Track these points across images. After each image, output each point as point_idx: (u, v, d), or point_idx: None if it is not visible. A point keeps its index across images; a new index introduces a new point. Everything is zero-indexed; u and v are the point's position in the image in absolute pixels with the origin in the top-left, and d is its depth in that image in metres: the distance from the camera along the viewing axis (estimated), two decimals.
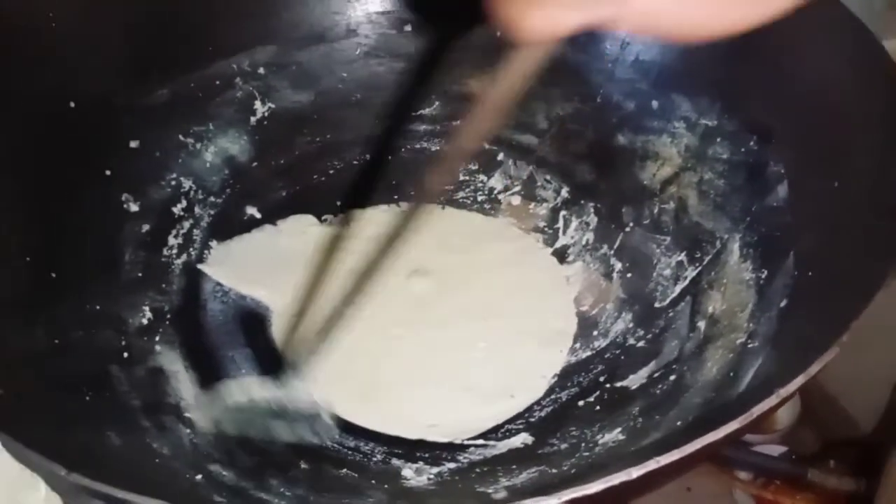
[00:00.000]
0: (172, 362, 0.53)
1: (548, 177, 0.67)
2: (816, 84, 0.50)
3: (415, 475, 0.50)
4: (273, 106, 0.66)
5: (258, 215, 0.66)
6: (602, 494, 0.29)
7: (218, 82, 0.64)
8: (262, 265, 0.63)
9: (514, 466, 0.49)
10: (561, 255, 0.64)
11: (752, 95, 0.55)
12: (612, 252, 0.62)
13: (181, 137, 0.62)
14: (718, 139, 0.57)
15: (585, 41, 0.65)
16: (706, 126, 0.58)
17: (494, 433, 0.53)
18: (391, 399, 0.55)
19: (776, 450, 0.63)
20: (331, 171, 0.68)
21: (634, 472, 0.29)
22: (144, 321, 0.54)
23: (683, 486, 0.61)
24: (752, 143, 0.55)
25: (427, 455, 0.52)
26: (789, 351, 0.42)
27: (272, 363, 0.57)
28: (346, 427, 0.53)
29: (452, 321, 0.60)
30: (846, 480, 0.57)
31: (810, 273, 0.46)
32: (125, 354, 0.51)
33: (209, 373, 0.55)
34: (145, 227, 0.58)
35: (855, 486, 0.56)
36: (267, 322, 0.60)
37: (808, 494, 0.58)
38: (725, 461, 0.60)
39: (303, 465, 0.50)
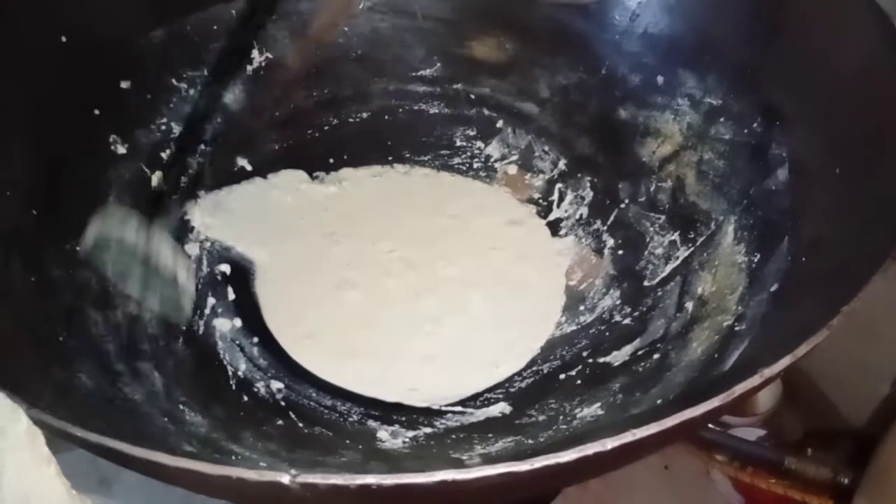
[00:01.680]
0: (149, 308, 0.52)
1: (546, 147, 0.66)
2: (829, 69, 0.49)
3: (390, 438, 0.50)
4: (271, 56, 0.65)
5: (249, 167, 0.64)
6: (576, 464, 0.29)
7: (215, 27, 0.62)
8: (250, 218, 0.62)
9: (490, 435, 0.48)
10: (554, 228, 0.63)
11: (762, 76, 0.54)
12: (605, 228, 0.61)
13: (174, 81, 0.61)
14: (722, 119, 0.56)
15: (595, 10, 0.63)
16: (711, 105, 0.57)
17: (473, 401, 0.52)
18: (371, 361, 0.54)
19: (755, 433, 0.63)
20: (325, 128, 0.67)
21: (609, 444, 0.28)
22: None
23: (661, 464, 0.61)
24: (755, 125, 0.54)
25: (404, 419, 0.51)
26: (776, 334, 0.42)
27: (253, 317, 0.57)
28: (324, 386, 0.53)
29: (439, 287, 0.59)
30: (823, 470, 0.56)
31: (804, 259, 0.45)
32: (103, 297, 0.50)
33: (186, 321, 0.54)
34: (131, 171, 0.57)
35: (832, 475, 0.56)
36: (251, 276, 0.59)
37: (785, 481, 0.58)
38: (704, 442, 0.60)
39: (278, 422, 0.49)
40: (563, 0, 0.61)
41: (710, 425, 0.61)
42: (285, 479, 0.27)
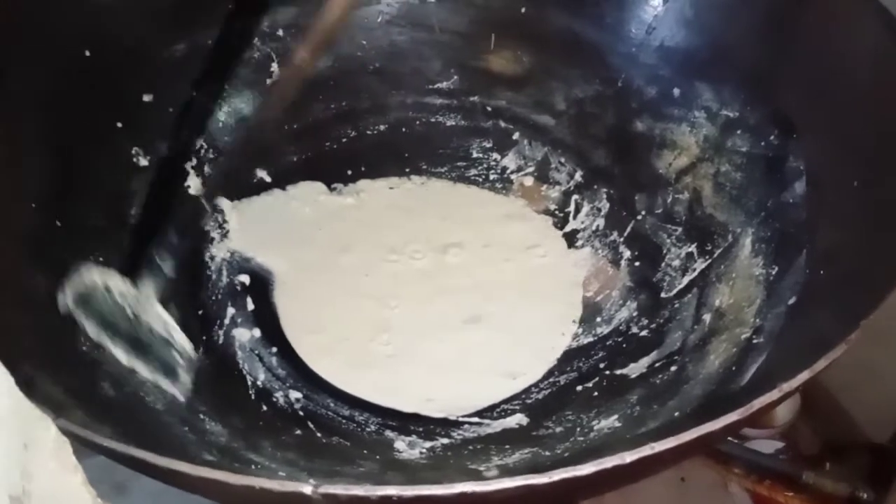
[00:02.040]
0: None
1: (562, 159, 0.66)
2: (844, 81, 0.49)
3: (407, 448, 0.50)
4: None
5: (268, 179, 0.65)
6: (594, 477, 0.29)
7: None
8: (269, 229, 0.63)
9: (507, 446, 0.48)
10: (570, 240, 0.63)
11: (778, 88, 0.54)
12: (621, 239, 0.61)
13: (195, 94, 0.61)
14: (739, 131, 0.56)
15: (611, 23, 0.63)
16: (727, 117, 0.57)
17: (490, 412, 0.52)
18: (389, 371, 0.55)
19: (773, 445, 0.63)
20: (343, 140, 0.68)
21: (628, 457, 0.29)
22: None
23: (678, 476, 0.60)
24: (772, 137, 0.54)
25: (421, 429, 0.51)
26: (795, 347, 0.42)
27: (272, 327, 0.57)
28: (342, 396, 0.53)
29: (456, 299, 0.59)
30: (842, 485, 0.56)
31: (822, 272, 0.45)
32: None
33: (207, 330, 0.55)
34: (153, 183, 0.58)
35: (851, 490, 0.55)
36: (269, 286, 0.59)
37: (803, 495, 0.57)
38: (721, 455, 0.60)
39: (296, 431, 0.50)
40: None
41: (728, 438, 0.60)
42: (307, 489, 0.28)
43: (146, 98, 0.58)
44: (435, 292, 0.60)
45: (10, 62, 0.48)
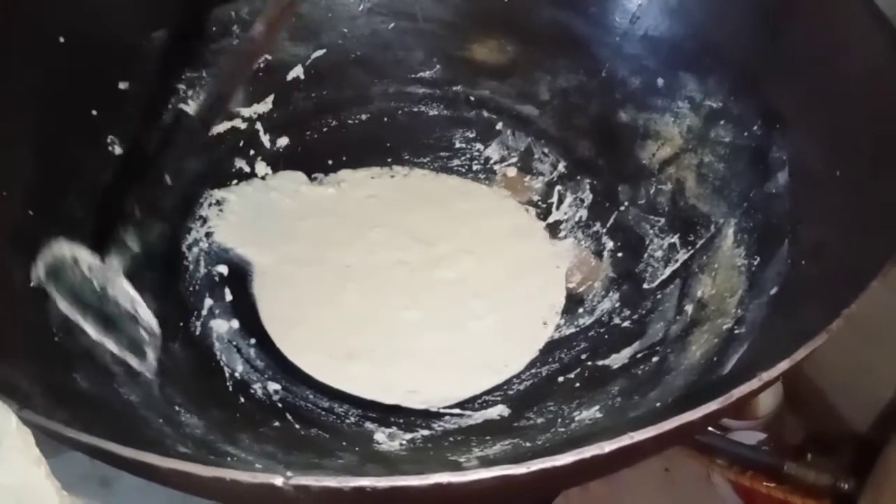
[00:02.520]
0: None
1: (546, 150, 0.66)
2: (830, 73, 0.49)
3: (387, 440, 0.49)
4: (269, 57, 0.64)
5: (247, 168, 0.64)
6: (572, 467, 0.28)
7: (215, 28, 0.62)
8: (248, 220, 0.62)
9: (488, 437, 0.48)
10: (553, 230, 0.63)
11: (763, 79, 0.54)
12: (604, 230, 0.61)
13: (173, 82, 0.61)
14: (722, 122, 0.56)
15: (595, 13, 0.63)
16: (711, 107, 0.57)
17: (471, 403, 0.52)
18: (369, 363, 0.54)
19: (756, 436, 0.63)
20: (324, 129, 0.67)
21: (607, 447, 0.28)
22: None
23: (662, 466, 0.60)
24: (755, 128, 0.54)
25: (401, 421, 0.51)
26: (776, 338, 0.42)
27: (251, 318, 0.56)
28: (321, 388, 0.53)
29: (438, 289, 0.59)
30: (824, 476, 0.56)
31: (804, 262, 0.45)
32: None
33: (185, 322, 0.54)
34: (129, 172, 0.57)
35: (833, 481, 0.55)
36: (248, 277, 0.59)
37: (785, 485, 0.57)
38: (705, 446, 0.60)
39: (274, 423, 0.49)
40: None
41: (710, 428, 0.60)
42: (278, 481, 0.27)
43: (122, 86, 0.57)
44: (417, 283, 0.59)
45: None
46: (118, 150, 0.56)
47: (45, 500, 0.27)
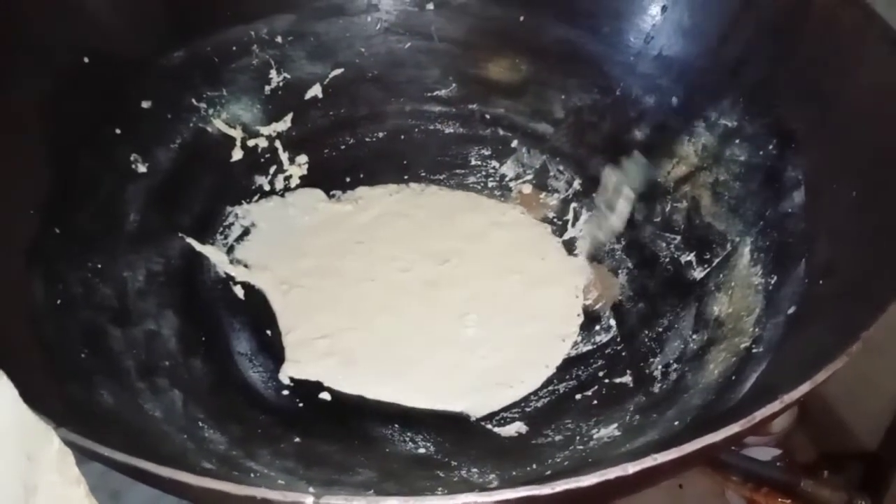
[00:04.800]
0: (169, 325, 0.53)
1: (561, 167, 0.67)
2: (843, 92, 0.49)
3: (405, 456, 0.50)
4: (288, 76, 0.65)
5: (267, 186, 0.65)
6: (596, 488, 0.29)
7: (235, 48, 0.63)
8: (267, 236, 0.63)
9: (507, 454, 0.48)
10: (569, 247, 0.63)
11: (777, 98, 0.54)
12: (620, 247, 0.61)
13: (194, 101, 0.62)
14: (737, 140, 0.57)
15: (609, 33, 0.64)
16: (726, 126, 0.57)
17: (489, 420, 0.52)
18: (387, 379, 0.54)
19: (770, 452, 0.63)
20: (342, 147, 0.68)
21: (630, 468, 0.29)
22: (144, 282, 0.54)
23: (675, 483, 0.60)
24: (771, 147, 0.54)
25: (420, 437, 0.51)
26: (794, 358, 0.42)
27: (271, 334, 0.57)
28: (340, 403, 0.53)
29: (455, 306, 0.59)
30: (839, 494, 0.56)
31: (821, 282, 0.45)
32: (123, 314, 0.51)
33: (206, 337, 0.54)
34: (151, 189, 0.57)
35: (848, 499, 0.55)
36: (268, 293, 0.59)
37: (800, 503, 0.57)
38: (719, 462, 0.60)
39: (294, 439, 0.50)
40: None
41: None
42: (309, 500, 0.28)
43: (145, 105, 0.58)
44: (434, 300, 0.60)
45: (10, 70, 0.48)
46: (141, 169, 0.57)
47: None
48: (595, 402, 0.52)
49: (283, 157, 0.66)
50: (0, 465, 0.26)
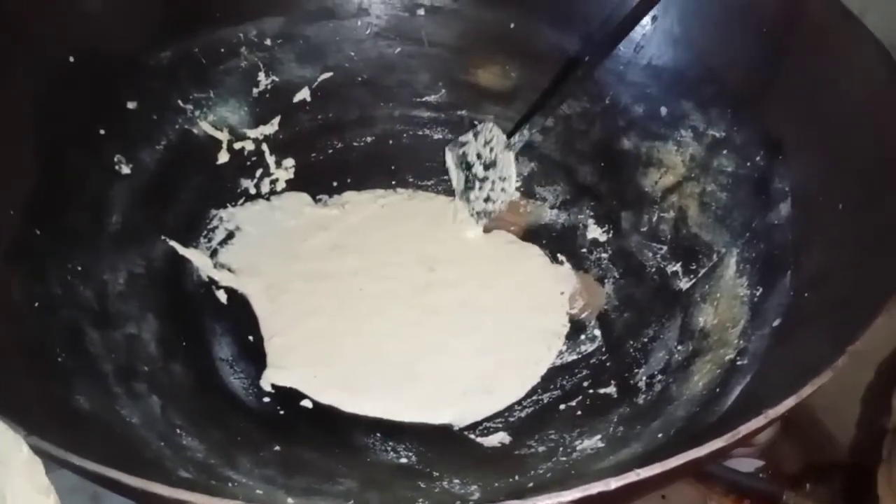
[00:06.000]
0: (149, 329, 0.52)
1: (549, 175, 0.66)
2: (831, 103, 0.50)
3: (387, 465, 0.49)
4: (277, 79, 0.65)
5: (253, 189, 0.64)
6: (579, 503, 0.28)
7: (223, 49, 0.62)
8: (252, 240, 0.62)
9: (489, 465, 0.48)
10: (555, 256, 0.63)
11: (766, 109, 0.54)
12: (606, 256, 0.61)
13: (180, 103, 0.61)
14: (725, 151, 0.57)
15: (599, 42, 0.64)
16: (714, 137, 0.57)
17: (472, 430, 0.52)
18: (370, 387, 0.54)
19: (753, 464, 0.63)
20: (329, 151, 0.67)
21: (613, 483, 0.28)
22: (125, 285, 0.53)
23: (658, 494, 0.60)
24: (758, 158, 0.54)
25: (402, 446, 0.51)
26: (780, 371, 0.42)
27: (253, 339, 0.56)
28: (321, 411, 0.52)
29: (440, 314, 0.59)
30: None
31: (807, 294, 0.45)
32: (103, 317, 0.50)
33: (186, 341, 0.54)
34: (135, 191, 0.57)
35: None
36: (251, 298, 0.59)
37: None
38: (702, 473, 0.60)
39: (275, 447, 0.49)
40: None
41: None
42: None
43: (130, 105, 0.57)
44: (419, 307, 0.59)
45: None
46: (125, 170, 0.56)
47: None
48: (579, 412, 0.51)
49: (270, 160, 0.65)
50: None
